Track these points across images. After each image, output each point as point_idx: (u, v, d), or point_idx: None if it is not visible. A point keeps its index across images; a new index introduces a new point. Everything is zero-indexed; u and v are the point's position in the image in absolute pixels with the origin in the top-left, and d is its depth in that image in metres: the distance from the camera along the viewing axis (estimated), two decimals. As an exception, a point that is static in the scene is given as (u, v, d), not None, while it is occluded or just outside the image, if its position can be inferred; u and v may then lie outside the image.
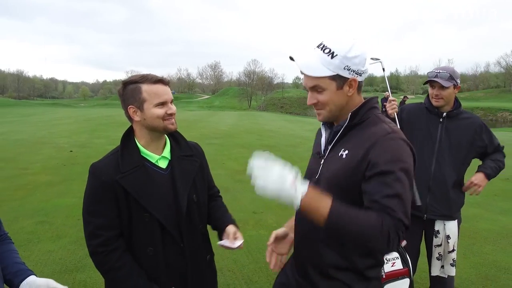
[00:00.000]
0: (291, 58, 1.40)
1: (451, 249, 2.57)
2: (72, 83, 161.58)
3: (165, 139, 1.68)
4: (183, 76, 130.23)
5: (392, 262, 2.31)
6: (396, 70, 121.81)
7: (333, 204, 1.23)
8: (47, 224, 4.87)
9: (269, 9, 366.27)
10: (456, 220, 2.61)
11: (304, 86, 1.42)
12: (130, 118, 1.59)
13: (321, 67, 1.33)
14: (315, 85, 1.35)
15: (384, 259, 2.26)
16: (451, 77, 2.45)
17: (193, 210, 1.64)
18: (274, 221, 5.06)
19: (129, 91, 1.55)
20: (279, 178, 1.22)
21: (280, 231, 1.63)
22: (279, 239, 1.63)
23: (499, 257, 4.01)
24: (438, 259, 2.62)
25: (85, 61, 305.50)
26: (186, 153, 1.70)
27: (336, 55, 1.32)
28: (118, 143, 1.61)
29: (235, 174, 7.98)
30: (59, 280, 1.43)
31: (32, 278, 1.38)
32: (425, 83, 2.57)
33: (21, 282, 1.36)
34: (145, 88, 1.52)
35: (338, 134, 1.41)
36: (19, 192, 6.25)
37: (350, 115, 1.38)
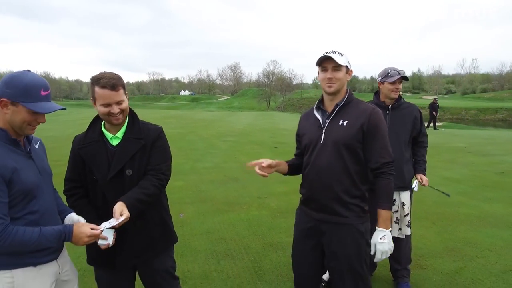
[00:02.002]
0: (325, 57, 2.10)
1: (406, 213, 3.18)
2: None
3: (124, 123, 2.06)
4: (203, 77, 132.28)
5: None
6: (419, 70, 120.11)
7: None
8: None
9: (289, 10, 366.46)
10: (409, 190, 3.22)
11: (326, 67, 2.12)
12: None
13: (341, 60, 2.09)
14: (337, 66, 2.10)
15: None
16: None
17: (125, 179, 1.99)
18: (276, 205, 5.72)
19: (90, 87, 1.98)
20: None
21: (272, 162, 2.32)
22: (266, 166, 2.30)
23: (469, 235, 4.54)
24: (396, 222, 3.22)
25: (108, 62, 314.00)
26: (135, 136, 2.04)
27: (343, 55, 2.12)
28: None
29: (245, 166, 8.67)
30: None
31: (71, 214, 2.06)
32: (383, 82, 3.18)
33: (66, 215, 2.05)
34: (96, 91, 1.91)
35: (335, 111, 2.14)
36: (54, 179, 7.14)
37: (346, 99, 2.15)
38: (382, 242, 2.02)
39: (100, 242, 1.85)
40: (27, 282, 1.66)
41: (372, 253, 2.07)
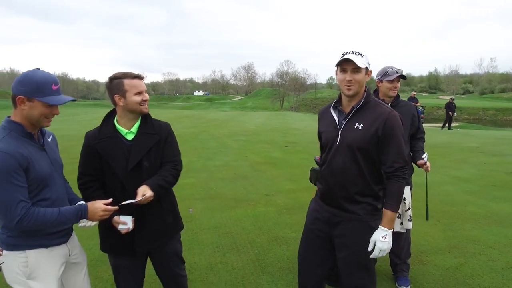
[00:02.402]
0: (344, 58, 2.10)
1: (407, 208, 3.26)
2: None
3: (138, 119, 2.22)
4: (217, 78, 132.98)
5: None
6: (435, 70, 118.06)
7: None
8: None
9: (303, 10, 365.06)
10: (409, 186, 3.30)
11: (345, 68, 2.11)
12: (115, 103, 2.17)
13: (362, 61, 2.09)
14: (356, 68, 2.09)
15: None
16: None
17: (143, 171, 2.16)
18: (282, 202, 5.84)
19: (114, 84, 2.14)
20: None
21: None
22: None
23: (473, 233, 4.57)
24: (398, 217, 3.31)
25: (124, 63, 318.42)
26: (149, 131, 2.22)
27: (363, 55, 2.12)
28: None
29: (255, 164, 8.83)
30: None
31: (80, 202, 2.21)
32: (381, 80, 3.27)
33: (77, 201, 2.22)
34: (127, 82, 2.12)
35: (351, 113, 2.17)
36: (71, 176, 7.40)
37: (362, 102, 2.15)
38: (382, 240, 2.08)
39: (120, 227, 2.05)
40: (40, 261, 1.84)
41: (369, 249, 2.13)
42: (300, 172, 7.50)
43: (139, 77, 2.17)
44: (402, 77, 3.23)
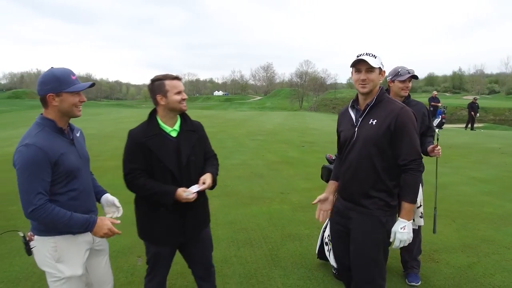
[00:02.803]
0: (359, 59, 2.25)
1: (418, 205, 3.31)
2: (135, 85, 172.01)
3: (177, 118, 2.43)
4: (236, 78, 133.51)
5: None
6: (460, 69, 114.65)
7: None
8: (116, 195, 6.14)
9: (324, 9, 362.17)
10: (420, 183, 3.35)
11: (360, 69, 2.26)
12: (156, 103, 2.35)
13: (375, 62, 2.23)
14: (370, 68, 2.24)
15: None
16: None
17: (190, 164, 2.38)
18: (297, 200, 5.93)
19: (156, 85, 2.33)
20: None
21: (322, 195, 2.59)
22: (322, 200, 2.58)
23: (488, 233, 4.55)
24: None
25: (146, 64, 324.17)
26: (190, 128, 2.45)
27: (376, 57, 2.26)
28: None
29: (271, 164, 8.94)
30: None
31: (106, 195, 2.43)
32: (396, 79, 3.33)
33: (102, 196, 2.41)
34: (168, 83, 2.32)
35: (366, 111, 2.30)
36: (94, 172, 7.70)
37: (375, 99, 2.28)
38: (402, 231, 2.20)
39: (185, 194, 2.26)
40: (67, 246, 2.01)
41: (391, 240, 2.25)
42: (316, 171, 7.51)
43: (178, 78, 2.38)
44: (414, 77, 3.30)
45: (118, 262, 3.75)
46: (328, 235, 3.49)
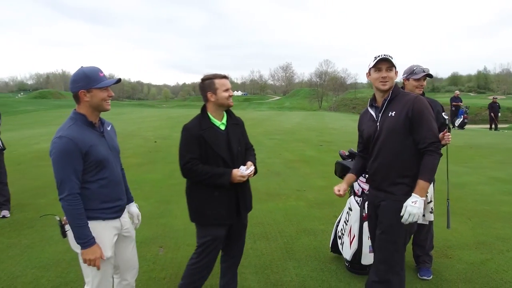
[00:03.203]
0: (382, 58, 2.46)
1: (429, 200, 3.38)
2: (156, 85, 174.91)
3: (224, 113, 2.73)
4: (255, 78, 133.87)
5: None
6: (485, 68, 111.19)
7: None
8: (138, 190, 6.46)
9: (344, 9, 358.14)
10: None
11: (380, 68, 2.46)
12: (207, 99, 2.65)
13: (393, 61, 2.45)
14: (390, 66, 2.46)
15: (366, 204, 3.24)
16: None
17: (238, 154, 2.70)
18: (313, 197, 6.04)
19: (206, 83, 2.63)
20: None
21: (338, 186, 2.77)
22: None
23: (504, 231, 4.54)
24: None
25: (167, 64, 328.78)
26: (234, 122, 2.77)
27: (392, 57, 2.47)
28: None
29: (288, 162, 9.06)
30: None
31: (132, 206, 2.61)
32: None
33: (129, 203, 2.59)
34: (217, 81, 2.61)
35: (384, 106, 2.50)
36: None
37: (391, 94, 2.49)
38: (412, 205, 2.31)
39: (243, 171, 2.57)
40: (97, 231, 2.20)
41: (401, 213, 2.36)
42: (333, 170, 7.57)
43: (225, 77, 2.67)
44: (429, 75, 3.38)
45: (141, 252, 3.93)
46: (341, 229, 3.61)
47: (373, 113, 2.60)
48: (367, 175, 3.36)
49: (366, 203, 3.29)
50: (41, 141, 12.40)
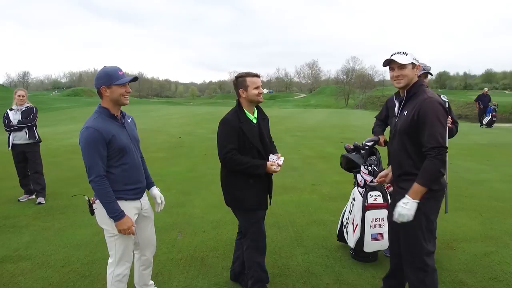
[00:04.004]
0: (388, 60, 2.55)
1: None
2: (183, 83, 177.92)
3: (254, 108, 2.97)
4: (281, 76, 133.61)
5: (375, 197, 3.50)
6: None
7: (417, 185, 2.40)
8: (161, 182, 6.85)
9: (373, 4, 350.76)
10: None
11: (393, 67, 2.54)
12: (239, 95, 2.88)
13: (405, 59, 2.51)
14: (402, 66, 2.51)
15: (369, 195, 3.47)
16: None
17: (268, 145, 2.98)
18: (327, 191, 6.23)
19: (240, 81, 2.87)
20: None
21: (383, 172, 2.94)
22: (383, 176, 2.91)
23: (514, 227, 4.60)
24: None
25: (194, 62, 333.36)
26: (263, 117, 3.04)
27: (407, 54, 2.54)
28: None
29: (306, 158, 9.26)
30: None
31: (155, 190, 2.93)
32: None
33: (151, 187, 2.91)
34: (249, 79, 2.85)
35: (402, 103, 2.59)
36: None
37: (406, 92, 2.55)
38: (402, 206, 2.39)
39: (274, 168, 2.82)
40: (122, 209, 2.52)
41: (393, 212, 2.50)
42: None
43: (257, 75, 2.90)
44: (430, 73, 3.53)
45: (161, 236, 4.29)
46: (346, 219, 3.81)
47: (396, 107, 2.69)
48: (369, 168, 3.57)
49: (368, 193, 3.51)
50: (74, 136, 13.14)
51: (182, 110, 34.86)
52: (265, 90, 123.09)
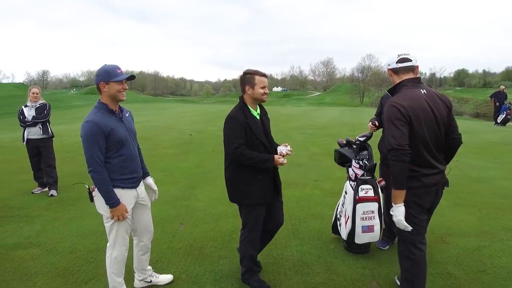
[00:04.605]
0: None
1: None
2: (198, 82, 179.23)
3: (257, 106, 3.08)
4: (295, 74, 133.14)
5: (366, 190, 3.60)
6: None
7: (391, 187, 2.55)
8: (169, 176, 7.08)
9: (388, 1, 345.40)
10: None
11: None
12: (244, 91, 2.98)
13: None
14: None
15: (360, 188, 3.58)
16: None
17: (272, 140, 3.13)
18: (329, 187, 6.33)
19: (247, 77, 2.96)
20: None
21: None
22: None
23: (511, 223, 4.62)
24: None
25: (209, 61, 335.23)
26: (264, 113, 3.16)
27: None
28: None
29: (313, 155, 9.35)
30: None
31: (149, 180, 3.11)
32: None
33: (146, 177, 3.08)
34: (257, 78, 2.94)
35: None
36: (154, 158, 8.78)
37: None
38: (392, 215, 2.55)
39: (283, 149, 2.99)
40: (119, 197, 2.70)
41: None
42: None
43: (265, 75, 3.01)
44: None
45: (163, 227, 4.49)
46: (340, 211, 3.93)
47: None
48: (360, 162, 3.68)
49: (360, 187, 3.62)
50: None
51: (196, 108, 35.26)
52: (279, 88, 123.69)
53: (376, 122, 3.97)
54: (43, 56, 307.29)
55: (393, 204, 2.53)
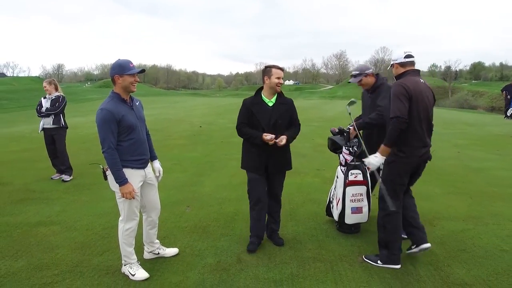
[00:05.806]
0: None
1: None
2: (210, 75, 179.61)
3: (275, 94, 3.62)
4: (307, 67, 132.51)
5: (355, 175, 3.90)
6: None
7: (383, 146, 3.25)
8: (178, 165, 7.48)
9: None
10: None
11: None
12: (263, 81, 3.58)
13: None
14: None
15: (350, 173, 3.88)
16: (359, 73, 4.01)
17: (277, 125, 3.55)
18: (330, 175, 6.56)
19: (267, 70, 3.58)
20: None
21: None
22: None
23: (500, 209, 4.80)
24: None
25: (221, 55, 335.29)
26: (281, 102, 3.65)
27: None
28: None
29: (317, 146, 9.63)
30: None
31: (156, 163, 3.47)
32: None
33: (154, 160, 3.46)
34: (274, 70, 3.54)
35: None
36: (164, 148, 9.19)
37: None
38: (373, 157, 3.27)
39: (267, 137, 3.45)
40: (129, 176, 3.04)
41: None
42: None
43: (281, 69, 3.59)
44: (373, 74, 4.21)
45: (171, 209, 4.87)
46: (332, 195, 4.24)
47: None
48: (351, 149, 3.98)
49: (350, 171, 3.92)
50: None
51: (207, 101, 35.69)
52: (291, 82, 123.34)
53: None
54: (58, 50, 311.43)
55: (379, 154, 3.25)
